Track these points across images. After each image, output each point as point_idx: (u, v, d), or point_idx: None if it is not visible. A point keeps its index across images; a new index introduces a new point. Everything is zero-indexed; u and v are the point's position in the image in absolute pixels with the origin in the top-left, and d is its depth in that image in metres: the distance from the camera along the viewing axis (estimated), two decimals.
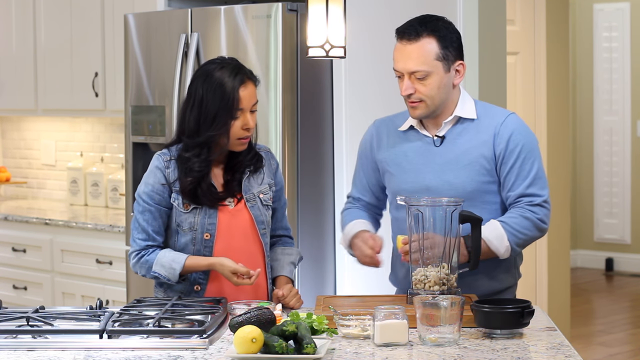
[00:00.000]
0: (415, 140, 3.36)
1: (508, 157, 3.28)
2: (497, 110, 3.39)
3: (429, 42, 3.23)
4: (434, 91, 3.24)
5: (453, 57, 3.27)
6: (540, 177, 3.30)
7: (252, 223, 3.37)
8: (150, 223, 3.32)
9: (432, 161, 3.31)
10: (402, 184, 3.35)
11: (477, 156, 3.28)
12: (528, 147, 3.30)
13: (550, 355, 2.69)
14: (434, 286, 3.10)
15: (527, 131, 3.34)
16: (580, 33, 9.78)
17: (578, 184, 9.84)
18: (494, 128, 3.30)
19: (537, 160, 3.31)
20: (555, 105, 5.86)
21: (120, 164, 6.24)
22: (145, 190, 3.33)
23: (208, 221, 3.31)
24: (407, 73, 3.24)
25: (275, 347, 2.63)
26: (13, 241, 5.87)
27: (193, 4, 4.98)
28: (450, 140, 3.32)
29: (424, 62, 3.22)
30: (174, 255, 3.29)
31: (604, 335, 7.32)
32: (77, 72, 5.96)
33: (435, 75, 3.24)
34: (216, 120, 3.26)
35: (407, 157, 3.35)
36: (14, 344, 2.80)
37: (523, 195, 3.27)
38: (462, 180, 3.28)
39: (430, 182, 3.30)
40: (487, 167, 3.28)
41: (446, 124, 3.32)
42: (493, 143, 3.28)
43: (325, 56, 3.22)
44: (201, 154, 3.28)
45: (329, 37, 3.20)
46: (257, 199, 3.38)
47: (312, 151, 4.50)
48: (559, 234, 5.89)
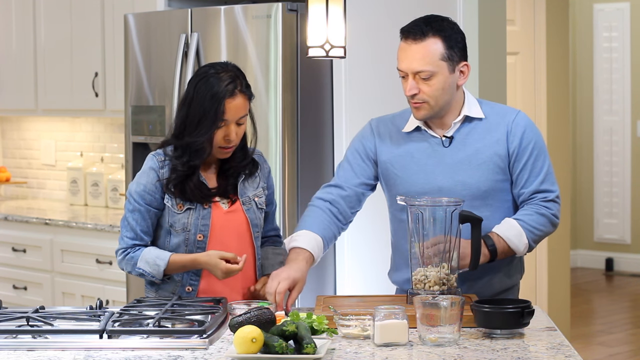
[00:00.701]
0: (421, 141, 3.33)
1: (522, 154, 3.28)
2: (505, 108, 3.38)
3: (435, 42, 3.21)
4: (438, 92, 3.22)
5: (458, 57, 3.25)
6: (550, 173, 3.32)
7: (247, 226, 3.37)
8: (139, 222, 3.32)
9: (442, 162, 3.29)
10: (411, 185, 3.31)
11: (490, 155, 3.27)
12: (539, 144, 3.32)
13: (550, 355, 2.69)
14: (434, 286, 3.10)
15: (536, 128, 3.36)
16: (580, 33, 9.78)
17: (578, 184, 9.84)
18: (506, 126, 3.29)
19: (547, 157, 3.34)
20: (555, 105, 5.86)
21: (120, 164, 6.24)
22: (137, 190, 3.33)
23: (201, 222, 3.31)
24: (412, 73, 3.21)
25: (275, 347, 2.63)
26: (13, 241, 5.87)
27: (193, 4, 4.98)
28: (460, 140, 3.30)
29: (429, 62, 3.20)
30: (158, 252, 3.30)
31: (604, 335, 7.32)
32: (77, 72, 5.96)
33: (440, 75, 3.21)
34: (199, 127, 3.24)
35: (413, 159, 3.32)
36: (14, 344, 2.80)
37: (537, 192, 3.29)
38: (476, 180, 3.27)
39: (443, 182, 3.28)
40: (501, 166, 3.28)
41: (455, 124, 3.30)
42: (507, 141, 3.28)
43: (325, 56, 3.22)
44: (183, 156, 3.28)
45: (329, 37, 3.20)
46: (252, 202, 3.38)
47: (312, 151, 4.50)
48: (559, 234, 5.89)
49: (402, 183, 3.34)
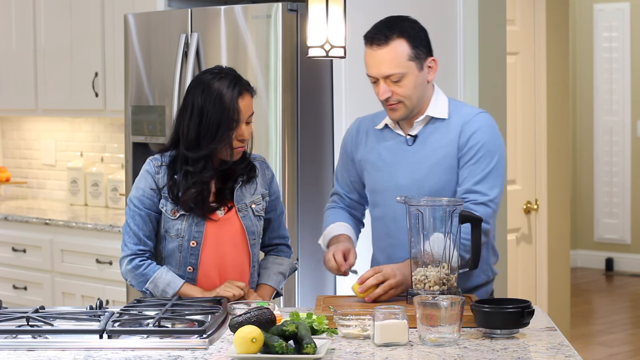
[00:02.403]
0: (390, 140, 3.39)
1: (466, 154, 3.29)
2: (468, 109, 3.39)
3: (400, 44, 3.26)
4: (411, 91, 3.27)
5: (424, 54, 3.30)
6: (492, 177, 3.27)
7: (242, 233, 3.36)
8: (141, 227, 3.32)
9: (404, 160, 3.35)
10: (376, 183, 3.39)
11: (444, 155, 3.31)
12: (489, 147, 3.29)
13: (550, 355, 2.69)
14: (434, 286, 3.10)
15: (493, 131, 3.33)
16: (580, 33, 9.78)
17: (578, 184, 9.84)
18: (460, 126, 3.31)
19: (495, 160, 3.28)
20: (555, 105, 5.86)
21: (120, 164, 6.24)
22: (136, 195, 3.33)
23: (195, 229, 3.30)
24: (382, 77, 3.26)
25: (275, 347, 2.63)
26: (13, 241, 5.87)
27: (193, 4, 4.98)
28: (422, 140, 3.34)
29: (397, 64, 3.25)
30: (170, 279, 3.29)
31: (604, 335, 7.32)
32: (77, 72, 5.96)
33: (410, 75, 3.26)
34: (219, 133, 3.24)
35: (381, 156, 3.39)
36: (14, 344, 2.80)
37: (470, 192, 3.26)
38: (430, 179, 3.30)
39: (402, 181, 3.33)
40: (454, 165, 3.31)
41: (418, 123, 3.35)
42: (458, 140, 3.30)
43: (325, 56, 3.22)
44: (206, 167, 3.28)
45: (329, 37, 3.20)
46: (249, 209, 3.37)
47: (312, 151, 4.50)
48: (559, 234, 5.89)
49: (369, 179, 3.43)
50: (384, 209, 3.38)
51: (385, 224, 3.38)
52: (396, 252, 3.33)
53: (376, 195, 3.41)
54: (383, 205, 3.38)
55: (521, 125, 5.61)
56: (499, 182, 3.30)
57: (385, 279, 3.18)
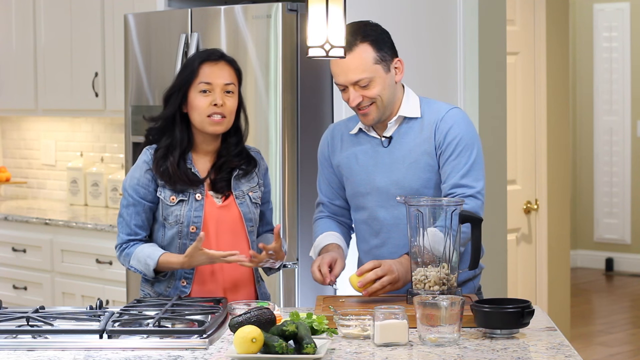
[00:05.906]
0: (365, 143, 3.40)
1: (446, 150, 3.30)
2: (440, 105, 3.40)
3: (364, 50, 3.28)
4: (381, 92, 3.29)
5: (389, 56, 3.31)
6: (475, 169, 3.30)
7: (240, 220, 3.38)
8: (133, 217, 3.34)
9: (380, 162, 3.36)
10: (356, 186, 3.41)
11: (421, 153, 3.32)
12: (467, 140, 3.31)
13: (550, 355, 2.69)
14: (434, 286, 3.10)
15: (467, 124, 3.35)
16: (580, 33, 9.78)
17: (578, 184, 9.84)
18: (434, 124, 3.33)
19: (475, 153, 3.31)
20: (555, 105, 5.86)
21: (120, 164, 6.24)
22: (130, 184, 3.36)
23: (194, 214, 3.32)
24: (351, 84, 3.28)
25: (275, 347, 2.63)
26: (13, 241, 5.87)
27: (193, 4, 4.98)
28: (397, 140, 3.35)
29: (364, 69, 3.26)
30: (150, 251, 3.31)
31: (604, 335, 7.32)
32: (77, 72, 5.96)
33: (377, 78, 3.28)
34: (180, 92, 3.31)
35: (357, 160, 3.40)
36: (14, 344, 2.80)
37: (457, 186, 3.28)
38: (408, 179, 3.31)
39: (380, 182, 3.35)
40: (431, 164, 3.31)
41: (391, 124, 3.36)
42: (434, 138, 3.31)
43: (325, 56, 3.22)
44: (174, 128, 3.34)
45: (329, 37, 3.20)
46: (246, 196, 3.39)
47: (312, 151, 4.49)
48: (559, 234, 5.89)
49: (348, 184, 3.44)
50: (365, 212, 3.40)
51: (369, 226, 3.40)
52: (382, 253, 3.35)
53: (357, 199, 3.42)
54: (364, 208, 3.40)
55: (521, 125, 5.62)
56: (482, 174, 3.33)
57: (384, 274, 3.18)
